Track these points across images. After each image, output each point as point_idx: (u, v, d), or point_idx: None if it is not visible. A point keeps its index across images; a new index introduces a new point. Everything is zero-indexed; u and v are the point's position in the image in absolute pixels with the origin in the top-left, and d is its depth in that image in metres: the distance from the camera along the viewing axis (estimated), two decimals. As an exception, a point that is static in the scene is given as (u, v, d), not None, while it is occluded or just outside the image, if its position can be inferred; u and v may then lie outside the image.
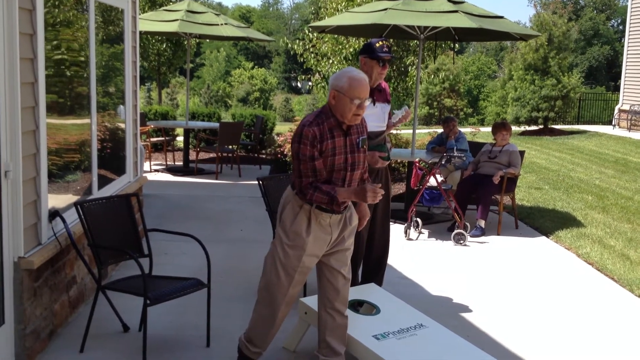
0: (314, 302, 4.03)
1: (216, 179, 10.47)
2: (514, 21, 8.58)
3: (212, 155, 11.93)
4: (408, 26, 7.68)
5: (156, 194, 8.95)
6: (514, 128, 16.36)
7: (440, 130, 9.68)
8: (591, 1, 57.92)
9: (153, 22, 10.45)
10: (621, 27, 55.39)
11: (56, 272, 4.27)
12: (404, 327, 4.04)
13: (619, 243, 7.31)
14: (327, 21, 8.66)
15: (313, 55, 13.86)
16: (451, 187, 7.80)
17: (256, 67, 59.05)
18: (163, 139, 11.98)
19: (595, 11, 56.91)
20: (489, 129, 9.92)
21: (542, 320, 5.03)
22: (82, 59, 4.88)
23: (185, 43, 13.56)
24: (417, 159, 7.66)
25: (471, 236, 7.35)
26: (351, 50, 12.91)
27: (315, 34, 13.43)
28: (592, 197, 9.90)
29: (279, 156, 11.05)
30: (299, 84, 62.92)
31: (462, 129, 10.72)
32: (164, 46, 17.07)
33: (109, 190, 5.53)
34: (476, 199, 7.64)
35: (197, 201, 8.71)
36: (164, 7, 12.13)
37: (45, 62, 4.05)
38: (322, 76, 13.92)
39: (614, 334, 4.85)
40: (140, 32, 8.45)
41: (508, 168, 7.67)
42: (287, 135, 11.13)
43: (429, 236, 7.45)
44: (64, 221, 4.26)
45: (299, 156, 3.49)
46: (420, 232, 7.44)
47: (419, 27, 7.75)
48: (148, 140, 11.41)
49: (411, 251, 6.82)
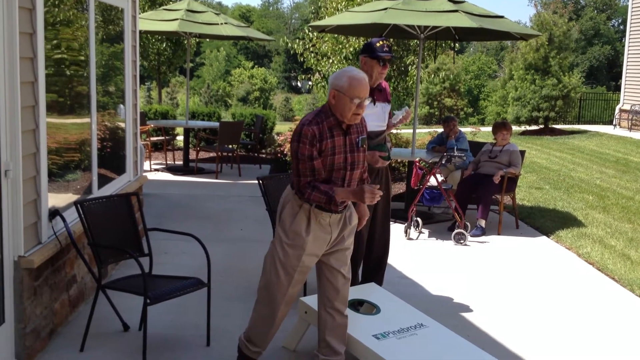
0: (313, 301, 4.02)
1: (216, 178, 10.47)
2: (514, 21, 8.58)
3: (212, 154, 11.93)
4: (408, 26, 7.67)
5: (156, 193, 8.95)
6: (514, 128, 16.36)
7: (440, 129, 9.67)
8: (592, 1, 57.89)
9: (153, 21, 10.45)
10: (622, 27, 55.36)
11: (56, 271, 4.27)
12: (404, 327, 4.04)
13: (619, 243, 7.31)
14: (327, 21, 8.66)
15: (313, 54, 13.86)
16: (451, 187, 7.80)
17: (256, 66, 59.05)
18: (163, 138, 11.98)
19: (595, 11, 56.88)
20: (490, 128, 9.92)
21: (542, 320, 5.03)
22: (82, 58, 4.88)
23: (185, 42, 13.56)
24: (417, 159, 7.66)
25: (471, 236, 7.34)
26: (351, 49, 12.91)
27: (315, 34, 13.43)
28: (593, 197, 9.90)
29: (279, 155, 11.05)
30: (299, 84, 62.91)
31: (463, 129, 10.71)
32: (164, 45, 17.08)
33: (109, 190, 5.53)
34: (476, 198, 7.64)
35: (197, 200, 8.70)
36: (164, 7, 12.12)
37: (45, 62, 4.05)
38: (322, 76, 13.92)
39: (615, 333, 4.85)
40: (140, 31, 8.44)
41: (508, 168, 7.67)
42: (287, 134, 11.12)
43: (429, 236, 7.45)
44: (64, 220, 4.26)
45: (298, 155, 3.49)
46: (420, 232, 7.44)
47: (419, 27, 7.75)
48: (148, 139, 11.41)
49: (411, 251, 6.82)
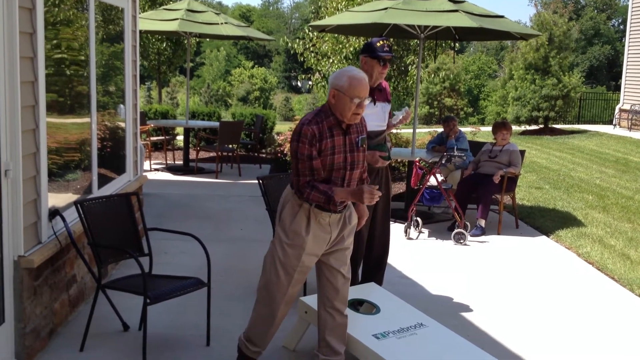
0: (313, 301, 4.02)
1: (216, 178, 10.47)
2: (514, 20, 8.58)
3: (212, 154, 11.92)
4: (408, 25, 7.67)
5: (156, 193, 8.95)
6: (514, 127, 16.37)
7: (440, 129, 9.67)
8: (592, 1, 57.88)
9: (153, 21, 10.45)
10: (622, 27, 55.35)
11: (56, 271, 4.27)
12: (404, 327, 4.04)
13: (619, 243, 7.31)
14: (327, 20, 8.66)
15: (313, 54, 13.87)
16: (451, 187, 7.80)
17: (256, 66, 59.04)
18: (163, 138, 11.98)
19: (595, 11, 56.87)
20: (489, 128, 9.92)
21: (542, 320, 5.03)
22: (82, 58, 4.88)
23: (185, 42, 13.56)
24: (417, 159, 7.66)
25: (471, 235, 7.34)
26: (351, 49, 12.91)
27: (315, 33, 13.44)
28: (593, 196, 9.90)
29: (279, 155, 11.05)
30: (299, 83, 62.89)
31: (463, 129, 10.71)
32: (164, 45, 17.08)
33: (109, 189, 5.53)
34: (476, 198, 7.64)
35: (197, 200, 8.70)
36: (164, 6, 12.11)
37: (45, 61, 4.05)
38: (322, 75, 13.93)
39: (614, 333, 4.85)
40: (140, 31, 8.44)
41: (508, 167, 7.67)
42: (287, 134, 11.12)
43: (429, 235, 7.45)
44: (64, 220, 4.26)
45: (297, 155, 3.49)
46: (420, 232, 7.44)
47: (419, 27, 7.74)
48: (148, 139, 11.42)
49: (411, 250, 6.82)
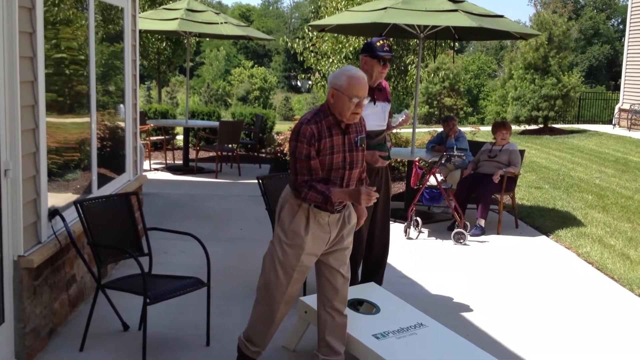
0: (313, 301, 4.02)
1: (216, 177, 10.47)
2: (514, 20, 8.58)
3: (211, 154, 11.92)
4: (408, 25, 7.67)
5: (156, 192, 8.95)
6: (514, 127, 16.35)
7: (440, 129, 9.67)
8: (591, 0, 57.90)
9: (153, 20, 10.45)
10: (621, 27, 55.37)
11: (56, 270, 4.27)
12: (403, 327, 4.04)
13: (619, 242, 7.31)
14: (327, 20, 8.66)
15: (313, 54, 13.87)
16: (451, 186, 7.80)
17: (256, 65, 59.05)
18: (163, 137, 11.97)
19: (595, 10, 56.89)
20: (489, 128, 9.92)
21: (542, 320, 5.03)
22: (81, 57, 4.88)
23: (185, 42, 13.55)
24: (417, 158, 7.66)
25: (471, 235, 7.34)
26: (351, 49, 12.92)
27: (315, 33, 13.45)
28: (592, 196, 9.90)
29: (278, 155, 11.05)
30: (298, 83, 62.92)
31: (462, 128, 10.72)
32: (163, 45, 17.09)
33: (109, 189, 5.53)
34: (476, 198, 7.64)
35: (197, 200, 8.70)
36: (164, 6, 12.11)
37: (45, 61, 4.04)
38: (322, 75, 13.94)
39: (614, 333, 4.85)
40: (140, 30, 8.44)
41: (508, 167, 7.67)
42: (287, 134, 11.13)
43: (429, 235, 7.45)
44: (63, 220, 4.25)
45: (296, 154, 3.49)
46: (420, 231, 7.44)
47: (418, 26, 7.74)
48: (148, 139, 11.41)
49: (411, 250, 6.82)
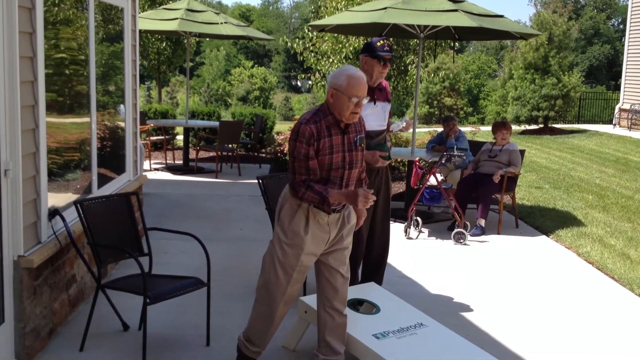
0: (313, 301, 4.02)
1: (216, 177, 10.47)
2: (514, 20, 8.58)
3: (212, 154, 11.92)
4: (408, 25, 7.67)
5: (156, 192, 8.95)
6: (514, 127, 16.34)
7: (440, 129, 9.67)
8: (591, 0, 57.89)
9: (153, 20, 10.45)
10: (621, 27, 55.37)
11: (56, 270, 4.27)
12: (404, 326, 4.04)
13: (619, 242, 7.31)
14: (327, 20, 8.66)
15: (313, 54, 13.88)
16: (451, 186, 7.80)
17: (256, 65, 59.06)
18: (163, 137, 11.97)
19: (595, 10, 56.89)
20: (489, 128, 9.92)
21: (542, 320, 5.03)
22: (81, 57, 4.87)
23: (185, 42, 13.55)
24: (417, 158, 7.66)
25: (471, 235, 7.34)
26: (351, 49, 12.92)
27: (315, 33, 13.45)
28: (593, 196, 9.90)
29: (278, 155, 11.05)
30: (298, 83, 62.92)
31: (462, 128, 10.72)
32: (163, 45, 17.07)
33: (109, 189, 5.53)
34: (476, 198, 7.64)
35: (197, 200, 8.70)
36: (164, 6, 12.11)
37: (45, 61, 4.04)
38: (322, 75, 13.94)
39: (614, 333, 4.85)
40: (140, 30, 8.44)
41: (508, 167, 7.67)
42: (287, 134, 11.13)
43: (429, 235, 7.44)
44: (63, 220, 4.25)
45: (294, 153, 3.50)
46: (420, 231, 7.44)
47: (418, 26, 7.74)
48: (148, 139, 11.41)
49: (411, 250, 6.82)
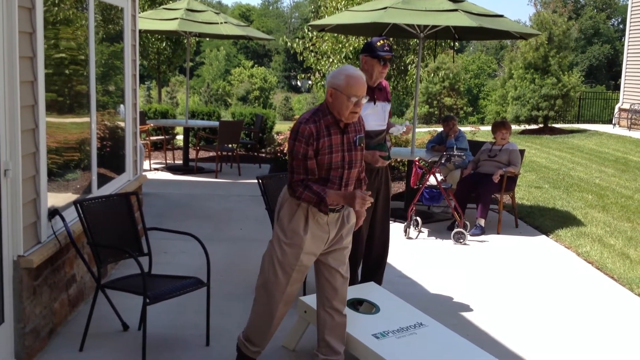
0: (313, 300, 4.02)
1: (216, 177, 10.47)
2: (514, 20, 8.58)
3: (211, 153, 11.92)
4: (408, 25, 7.67)
5: (156, 192, 8.95)
6: (513, 127, 16.32)
7: (440, 129, 9.67)
8: (591, 0, 57.89)
9: (153, 20, 10.45)
10: (621, 26, 55.38)
11: (56, 270, 4.27)
12: (403, 326, 4.04)
13: (618, 242, 7.31)
14: (327, 20, 8.66)
15: (313, 54, 13.88)
16: (451, 186, 7.80)
17: (256, 65, 59.07)
18: (163, 137, 11.97)
19: (595, 10, 56.89)
20: (489, 127, 9.93)
21: (541, 319, 5.03)
22: (81, 57, 4.88)
23: (185, 41, 13.55)
24: (417, 158, 7.66)
25: (471, 235, 7.34)
26: (351, 49, 12.93)
27: (315, 33, 13.45)
28: (592, 196, 9.90)
29: (278, 155, 11.06)
30: (298, 83, 62.93)
31: (462, 128, 10.72)
32: (163, 45, 17.08)
33: (109, 189, 5.53)
34: (476, 197, 7.64)
35: (197, 200, 8.70)
36: (164, 6, 12.12)
37: (45, 61, 4.04)
38: (321, 75, 13.95)
39: (614, 332, 4.85)
40: (140, 30, 8.44)
41: (508, 167, 7.67)
42: (287, 133, 11.13)
43: (429, 235, 7.45)
44: (63, 220, 4.25)
45: (293, 153, 3.51)
46: (420, 231, 7.44)
47: (418, 26, 7.74)
48: (148, 138, 11.41)
49: (411, 250, 6.82)
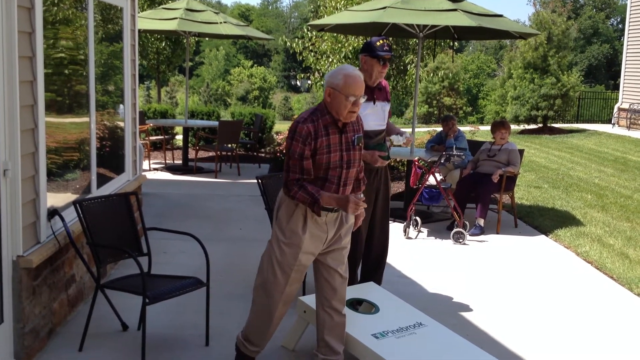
0: (312, 300, 4.02)
1: (215, 177, 10.47)
2: (513, 20, 8.58)
3: (211, 153, 11.92)
4: (407, 24, 7.67)
5: (155, 192, 8.94)
6: (513, 127, 16.35)
7: (439, 128, 9.67)
8: (590, 0, 57.91)
9: (152, 20, 10.44)
10: (620, 26, 55.40)
11: (55, 270, 4.27)
12: (403, 326, 4.04)
13: (618, 242, 7.31)
14: (326, 20, 8.66)
15: (312, 53, 13.88)
16: (450, 186, 7.80)
17: (255, 65, 59.07)
18: (162, 137, 11.97)
19: (594, 10, 56.91)
20: (488, 127, 9.94)
21: (541, 319, 5.03)
22: (81, 57, 4.87)
23: (185, 41, 13.55)
24: (416, 158, 7.66)
25: (470, 235, 7.35)
26: (350, 48, 12.93)
27: (314, 33, 13.45)
28: (592, 195, 9.91)
29: (278, 155, 11.06)
30: (298, 83, 62.89)
31: (462, 128, 10.73)
32: (163, 44, 17.08)
33: (108, 189, 5.53)
34: (475, 197, 7.64)
35: (197, 200, 8.70)
36: (163, 6, 12.12)
37: (44, 61, 4.04)
38: (321, 75, 13.95)
39: (613, 332, 4.85)
40: (139, 30, 8.44)
41: (507, 167, 7.67)
42: (286, 133, 11.13)
43: (428, 235, 7.45)
44: (62, 220, 4.25)
45: (290, 152, 3.52)
46: (419, 231, 7.44)
47: (418, 26, 7.74)
48: (147, 138, 11.41)
49: (410, 250, 6.82)
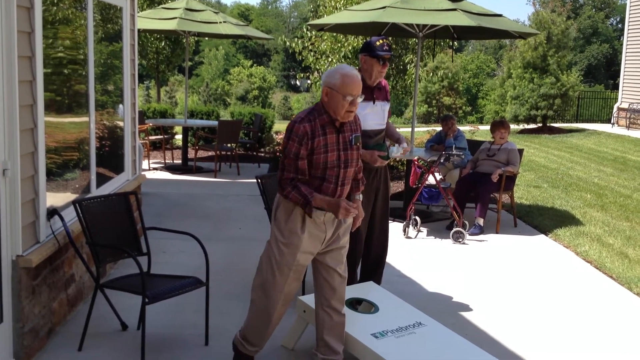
0: (312, 300, 4.02)
1: (215, 177, 10.47)
2: (512, 19, 8.59)
3: (210, 153, 11.92)
4: (407, 24, 7.67)
5: (155, 192, 8.94)
6: (512, 126, 16.38)
7: (439, 128, 9.67)
8: (590, 0, 57.93)
9: (152, 20, 10.44)
10: (620, 26, 55.41)
11: (54, 270, 4.27)
12: (402, 326, 4.04)
13: (617, 241, 7.32)
14: (326, 19, 8.66)
15: (312, 53, 13.89)
16: (450, 186, 7.80)
17: (255, 65, 59.08)
18: (162, 137, 11.97)
19: (594, 9, 56.92)
20: (488, 127, 9.95)
21: (540, 319, 5.04)
22: (80, 57, 4.87)
23: (184, 41, 13.55)
24: (415, 157, 7.66)
25: (470, 234, 7.35)
26: (350, 48, 12.93)
27: (314, 32, 13.45)
28: (591, 195, 9.91)
29: (277, 154, 11.06)
30: (297, 82, 62.91)
31: (461, 127, 10.74)
32: (162, 44, 17.08)
33: (108, 189, 5.53)
34: (475, 197, 7.64)
35: (196, 199, 8.70)
36: (163, 5, 12.11)
37: (44, 60, 4.04)
38: (320, 74, 13.95)
39: (613, 332, 4.86)
40: (138, 30, 8.44)
41: (507, 166, 7.67)
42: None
43: (428, 234, 7.45)
44: (62, 219, 4.25)
45: (285, 151, 3.52)
46: (419, 231, 7.44)
47: (417, 25, 7.74)
48: (147, 138, 11.41)
49: (410, 249, 6.82)
